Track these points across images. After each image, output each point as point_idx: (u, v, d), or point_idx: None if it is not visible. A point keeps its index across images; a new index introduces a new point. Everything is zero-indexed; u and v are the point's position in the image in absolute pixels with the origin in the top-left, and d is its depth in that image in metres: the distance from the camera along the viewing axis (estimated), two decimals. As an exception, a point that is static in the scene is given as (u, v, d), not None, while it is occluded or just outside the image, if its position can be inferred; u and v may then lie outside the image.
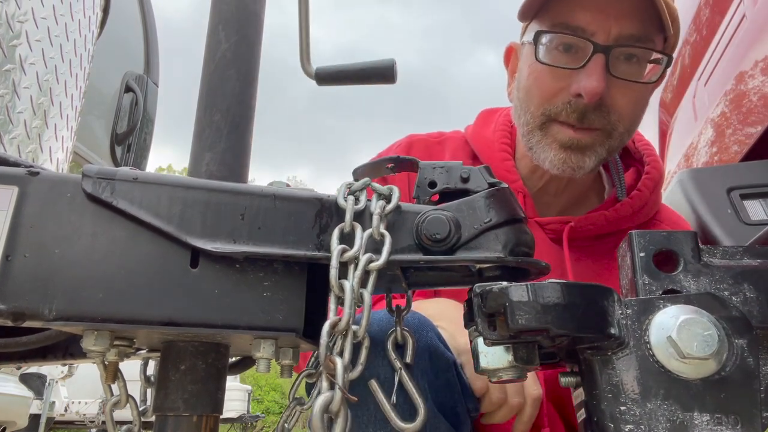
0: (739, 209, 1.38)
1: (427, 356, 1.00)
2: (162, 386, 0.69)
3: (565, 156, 1.25)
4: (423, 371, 0.99)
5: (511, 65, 1.45)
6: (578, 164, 1.26)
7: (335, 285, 0.64)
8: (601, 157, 1.28)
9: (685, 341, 0.63)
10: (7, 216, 0.64)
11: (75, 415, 9.55)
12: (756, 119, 1.56)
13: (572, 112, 1.22)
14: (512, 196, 0.74)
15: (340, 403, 0.59)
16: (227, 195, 0.68)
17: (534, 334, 0.63)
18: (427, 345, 1.00)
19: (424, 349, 1.00)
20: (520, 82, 1.34)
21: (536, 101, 1.28)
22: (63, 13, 1.19)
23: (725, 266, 0.71)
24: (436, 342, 1.02)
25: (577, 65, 1.21)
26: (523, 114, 1.32)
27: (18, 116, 1.09)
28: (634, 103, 1.25)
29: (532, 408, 1.14)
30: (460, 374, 1.07)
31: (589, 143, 1.24)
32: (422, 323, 1.03)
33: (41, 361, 1.05)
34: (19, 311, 0.62)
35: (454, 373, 1.05)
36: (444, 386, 1.03)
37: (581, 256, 1.37)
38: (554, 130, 1.26)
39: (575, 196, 1.46)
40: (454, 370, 1.06)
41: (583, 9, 1.20)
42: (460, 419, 1.09)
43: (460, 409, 1.08)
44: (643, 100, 1.30)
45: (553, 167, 1.28)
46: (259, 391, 25.31)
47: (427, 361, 1.00)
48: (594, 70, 1.19)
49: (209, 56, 0.81)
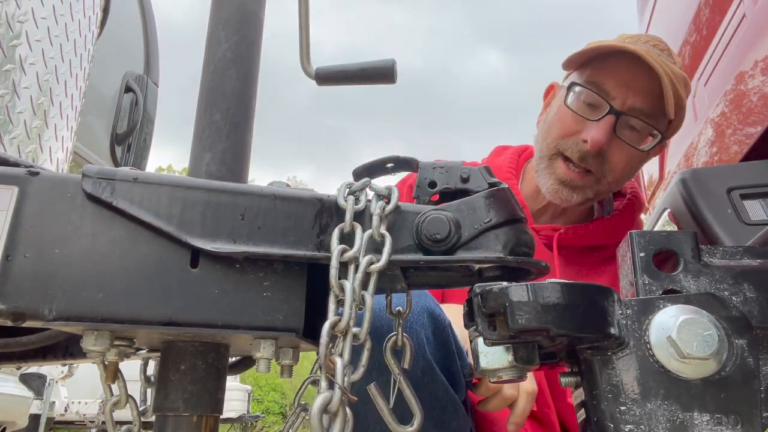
0: (740, 209, 1.38)
1: (426, 315, 1.12)
2: (162, 386, 0.69)
3: (559, 188, 1.53)
4: (422, 326, 1.11)
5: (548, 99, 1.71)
6: (567, 197, 1.53)
7: (335, 285, 0.64)
8: (587, 197, 1.54)
9: (685, 341, 0.63)
10: (7, 216, 0.64)
11: (75, 415, 9.56)
12: (756, 119, 1.56)
13: (576, 152, 1.50)
14: (512, 196, 0.74)
15: (339, 403, 0.59)
16: (227, 195, 0.68)
17: (534, 334, 0.63)
18: (425, 306, 1.13)
19: (423, 309, 1.13)
20: (549, 115, 1.61)
21: (554, 135, 1.55)
22: (63, 13, 1.19)
23: (725, 266, 0.71)
24: (433, 304, 1.16)
25: (593, 118, 1.48)
26: (542, 141, 1.59)
27: (18, 116, 1.09)
28: (626, 162, 1.52)
29: (524, 402, 1.21)
30: (455, 337, 1.18)
31: (579, 184, 1.52)
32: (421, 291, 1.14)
33: (41, 361, 1.05)
34: (19, 311, 0.62)
35: (450, 333, 1.17)
36: (441, 344, 1.14)
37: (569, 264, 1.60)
38: (557, 164, 1.54)
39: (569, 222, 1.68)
40: (451, 331, 1.17)
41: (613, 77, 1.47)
42: (456, 379, 1.17)
43: (456, 369, 1.17)
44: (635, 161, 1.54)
45: (547, 193, 1.56)
46: (259, 391, 25.30)
47: (426, 318, 1.11)
48: (602, 127, 1.46)
49: (209, 56, 0.81)
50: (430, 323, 1.13)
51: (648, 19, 2.85)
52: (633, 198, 1.70)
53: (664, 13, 2.63)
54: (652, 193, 2.80)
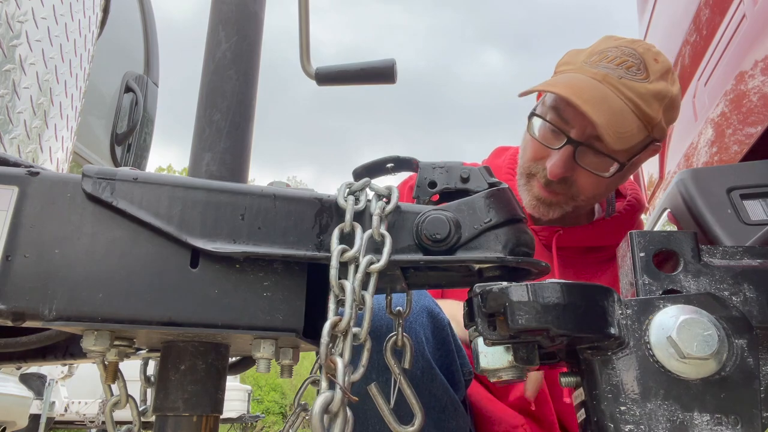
0: (740, 209, 1.38)
1: (425, 314, 1.13)
2: (162, 386, 0.69)
3: (536, 204, 1.55)
4: (421, 325, 1.12)
5: None
6: (544, 213, 1.55)
7: (335, 285, 0.64)
8: (566, 211, 1.55)
9: (685, 341, 0.63)
10: (7, 216, 0.64)
11: (75, 415, 9.55)
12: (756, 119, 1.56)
13: (542, 177, 1.52)
14: (512, 196, 0.74)
15: (340, 403, 0.59)
16: (227, 195, 0.68)
17: (534, 335, 0.63)
18: (425, 305, 1.14)
19: (423, 308, 1.13)
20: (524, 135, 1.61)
21: (525, 157, 1.58)
22: (63, 13, 1.18)
23: (725, 266, 0.71)
24: (432, 304, 1.16)
25: (554, 147, 1.48)
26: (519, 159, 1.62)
27: (18, 116, 1.09)
28: (594, 185, 1.51)
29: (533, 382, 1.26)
30: (454, 336, 1.19)
31: (554, 202, 1.54)
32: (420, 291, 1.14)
33: (41, 361, 1.05)
34: (19, 311, 0.62)
35: (449, 332, 1.17)
36: (440, 343, 1.15)
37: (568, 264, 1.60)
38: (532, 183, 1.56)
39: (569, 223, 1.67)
40: (450, 330, 1.17)
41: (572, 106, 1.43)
42: (455, 378, 1.18)
43: (455, 368, 1.18)
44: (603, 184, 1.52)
45: (527, 208, 1.58)
46: (259, 391, 25.30)
47: (426, 318, 1.12)
48: (559, 158, 1.47)
49: (209, 56, 0.81)
50: (429, 322, 1.13)
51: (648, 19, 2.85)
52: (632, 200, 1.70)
53: (664, 13, 2.63)
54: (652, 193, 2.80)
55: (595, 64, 1.47)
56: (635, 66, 1.46)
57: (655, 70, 1.46)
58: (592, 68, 1.45)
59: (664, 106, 1.46)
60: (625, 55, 1.47)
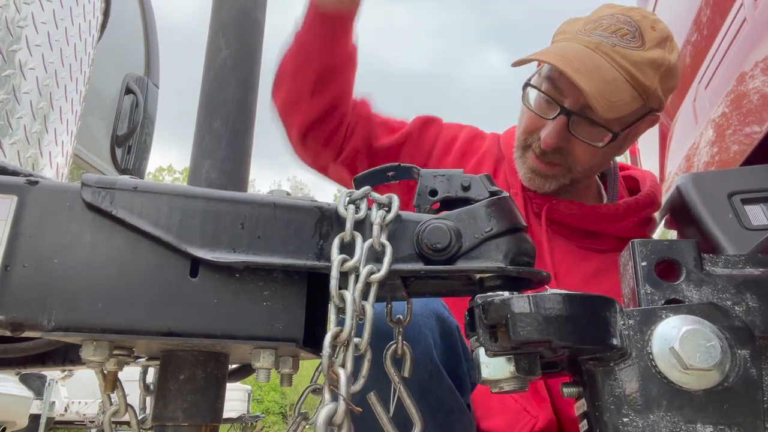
0: (740, 214, 1.37)
1: (434, 318, 1.12)
2: (161, 396, 0.69)
3: (531, 176, 1.54)
4: (430, 329, 1.12)
5: None
6: (540, 186, 1.55)
7: (335, 295, 0.64)
8: (563, 183, 1.54)
9: (687, 352, 0.63)
10: (6, 225, 0.63)
11: (75, 415, 9.55)
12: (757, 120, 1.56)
13: (537, 147, 1.51)
14: (513, 204, 0.74)
15: (344, 414, 0.59)
16: (227, 204, 0.68)
17: (536, 346, 0.63)
18: (433, 309, 1.14)
19: (432, 312, 1.13)
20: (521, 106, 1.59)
21: (521, 129, 1.56)
22: (63, 17, 1.18)
23: (727, 275, 0.70)
24: (441, 308, 1.16)
25: (548, 117, 1.47)
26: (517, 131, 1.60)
27: (18, 121, 1.08)
28: (590, 155, 1.49)
29: None
30: (463, 340, 1.19)
31: (550, 174, 1.52)
32: None
33: (40, 366, 1.05)
34: (18, 321, 0.61)
35: (457, 336, 1.17)
36: (448, 347, 1.15)
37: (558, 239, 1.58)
38: (528, 155, 1.55)
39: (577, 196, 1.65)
40: (458, 334, 1.17)
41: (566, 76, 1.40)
42: (462, 381, 1.18)
43: (462, 372, 1.18)
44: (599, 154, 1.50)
45: (523, 181, 1.58)
46: (259, 391, 25.30)
47: (435, 322, 1.12)
48: (554, 127, 1.45)
49: (209, 63, 0.80)
50: (437, 326, 1.13)
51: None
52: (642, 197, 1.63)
53: (664, 13, 2.63)
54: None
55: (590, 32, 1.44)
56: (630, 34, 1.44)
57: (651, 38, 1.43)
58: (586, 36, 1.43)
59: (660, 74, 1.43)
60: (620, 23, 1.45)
